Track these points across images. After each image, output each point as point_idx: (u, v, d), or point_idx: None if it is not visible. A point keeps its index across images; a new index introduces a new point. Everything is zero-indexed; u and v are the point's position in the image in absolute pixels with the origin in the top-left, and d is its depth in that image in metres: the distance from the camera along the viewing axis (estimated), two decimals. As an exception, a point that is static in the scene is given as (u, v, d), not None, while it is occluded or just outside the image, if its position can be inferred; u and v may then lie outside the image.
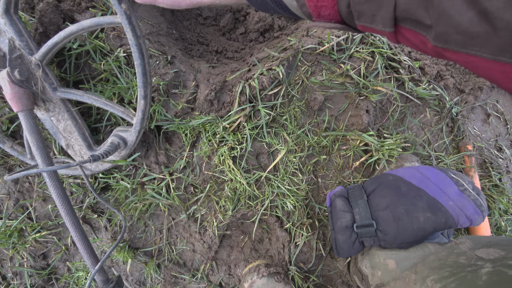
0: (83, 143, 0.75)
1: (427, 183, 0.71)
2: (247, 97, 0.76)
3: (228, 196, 0.79)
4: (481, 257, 0.52)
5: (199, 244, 0.87)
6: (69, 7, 0.75)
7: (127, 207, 0.81)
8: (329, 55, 0.82)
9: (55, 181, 0.67)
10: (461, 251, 0.58)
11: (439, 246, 0.67)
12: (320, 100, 0.82)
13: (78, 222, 0.69)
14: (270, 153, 0.82)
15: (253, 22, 0.98)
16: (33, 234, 0.85)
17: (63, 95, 0.70)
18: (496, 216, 0.96)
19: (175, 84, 0.79)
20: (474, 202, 0.69)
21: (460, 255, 0.56)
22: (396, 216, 0.67)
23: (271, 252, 0.89)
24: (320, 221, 0.86)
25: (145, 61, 0.63)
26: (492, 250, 0.53)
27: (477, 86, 0.91)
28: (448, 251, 0.61)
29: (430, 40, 0.28)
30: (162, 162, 0.80)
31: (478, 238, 0.61)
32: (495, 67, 0.24)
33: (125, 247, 0.84)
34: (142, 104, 0.67)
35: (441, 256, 0.60)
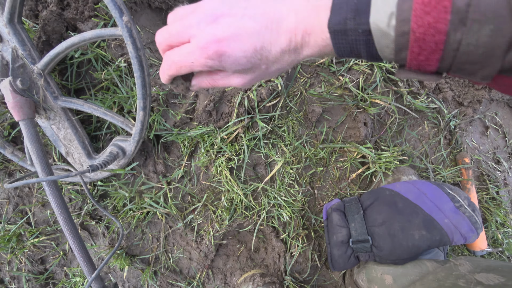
0: (82, 151, 0.76)
1: (423, 199, 0.71)
2: (245, 109, 0.76)
3: (225, 206, 0.80)
4: (480, 282, 0.52)
5: (195, 252, 0.87)
6: (72, 16, 0.76)
7: (125, 215, 0.82)
8: (328, 67, 0.83)
9: (54, 190, 0.68)
10: (460, 273, 0.58)
11: (437, 264, 0.67)
12: (318, 112, 0.82)
13: (76, 230, 0.70)
14: (267, 164, 0.83)
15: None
16: (31, 239, 0.86)
17: (64, 104, 0.71)
18: (493, 229, 0.96)
19: (174, 94, 0.80)
20: (469, 219, 0.69)
21: (459, 278, 0.56)
22: (392, 232, 0.68)
23: (267, 261, 0.90)
24: (316, 232, 0.86)
25: (145, 73, 0.64)
26: (492, 276, 0.53)
27: (476, 99, 0.91)
28: (447, 272, 0.61)
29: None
30: (160, 171, 0.81)
31: (477, 260, 0.61)
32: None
33: (122, 254, 0.85)
34: (141, 115, 0.67)
35: (440, 276, 0.60)
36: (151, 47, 0.83)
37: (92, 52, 0.75)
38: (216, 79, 0.37)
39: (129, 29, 0.60)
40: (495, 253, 0.97)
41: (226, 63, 0.33)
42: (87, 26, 0.76)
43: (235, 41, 0.32)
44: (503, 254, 0.96)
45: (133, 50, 0.61)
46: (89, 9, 0.76)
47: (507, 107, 0.98)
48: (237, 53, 0.32)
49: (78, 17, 0.76)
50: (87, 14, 0.76)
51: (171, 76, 0.38)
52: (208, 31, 0.32)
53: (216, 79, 0.38)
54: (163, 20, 0.93)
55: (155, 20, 0.89)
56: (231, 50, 0.32)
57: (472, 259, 0.63)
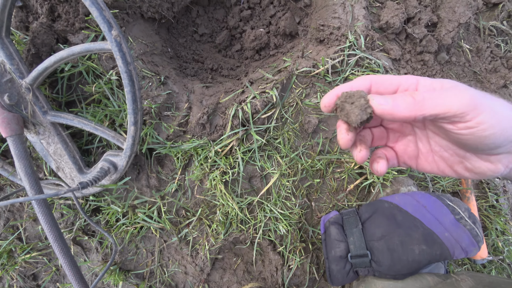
0: (73, 166, 0.74)
1: (423, 212, 0.70)
2: (239, 121, 0.75)
3: (220, 221, 0.78)
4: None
5: (191, 266, 0.85)
6: (62, 28, 0.75)
7: (118, 229, 0.80)
8: (323, 77, 0.81)
9: (43, 208, 0.66)
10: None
11: (438, 278, 0.66)
12: (314, 123, 0.81)
13: (67, 248, 0.68)
14: (263, 176, 0.81)
15: (249, 40, 0.98)
16: (23, 255, 0.84)
17: (53, 119, 0.69)
18: (493, 237, 0.95)
19: (168, 106, 0.78)
20: (470, 232, 0.68)
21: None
22: (391, 247, 0.66)
23: (264, 274, 0.88)
24: (313, 244, 0.85)
25: (135, 88, 0.62)
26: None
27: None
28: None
29: None
30: (154, 185, 0.79)
31: (479, 276, 0.60)
32: None
33: (116, 269, 0.83)
34: (132, 130, 0.66)
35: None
36: (143, 58, 0.81)
37: (83, 64, 0.74)
38: None
39: (118, 43, 0.58)
40: (495, 261, 0.95)
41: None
42: (77, 38, 0.74)
43: None
44: (503, 262, 0.95)
45: (123, 65, 0.59)
46: (80, 21, 0.75)
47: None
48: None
49: (69, 29, 0.75)
50: (77, 26, 0.75)
51: None
52: None
53: None
54: (156, 30, 0.92)
55: (148, 30, 0.88)
56: None
57: (474, 274, 0.61)
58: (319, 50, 0.86)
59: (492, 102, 0.29)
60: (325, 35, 0.85)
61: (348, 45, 0.80)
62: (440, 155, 0.37)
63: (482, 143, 0.30)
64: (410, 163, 0.40)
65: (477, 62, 0.93)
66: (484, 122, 0.28)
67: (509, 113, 0.29)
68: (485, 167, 0.33)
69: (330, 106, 0.35)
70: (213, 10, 1.03)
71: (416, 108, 0.29)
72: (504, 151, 0.31)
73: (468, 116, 0.28)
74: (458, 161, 0.35)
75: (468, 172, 0.35)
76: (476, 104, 0.28)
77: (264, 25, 1.00)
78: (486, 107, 0.28)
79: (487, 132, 0.28)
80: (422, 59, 0.90)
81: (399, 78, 0.35)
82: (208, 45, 1.04)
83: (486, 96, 0.30)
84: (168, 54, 0.93)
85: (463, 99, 0.28)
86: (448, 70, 0.92)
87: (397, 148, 0.41)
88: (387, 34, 0.88)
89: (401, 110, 0.29)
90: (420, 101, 0.29)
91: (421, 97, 0.29)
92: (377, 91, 0.36)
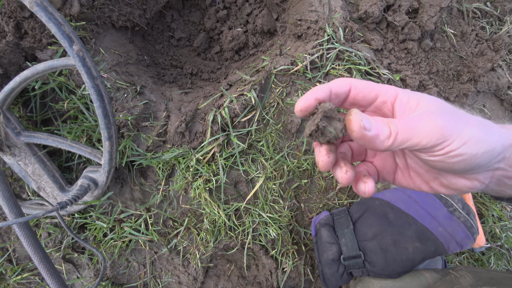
0: (54, 185, 0.73)
1: (415, 208, 0.68)
2: (219, 126, 0.73)
3: (208, 229, 0.77)
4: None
5: (184, 276, 0.84)
6: (30, 45, 0.73)
7: (106, 245, 0.79)
8: (303, 74, 0.79)
9: (25, 230, 0.65)
10: (462, 287, 0.55)
11: (436, 275, 0.64)
12: (298, 122, 0.79)
13: (54, 268, 0.67)
14: (248, 181, 0.80)
15: (227, 41, 0.95)
16: (14, 277, 0.83)
17: (27, 140, 0.68)
18: (490, 224, 0.93)
19: (145, 116, 0.77)
20: (464, 224, 0.66)
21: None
22: (384, 247, 0.64)
23: (259, 278, 0.87)
24: (306, 245, 0.83)
25: (105, 102, 0.61)
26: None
27: (462, 93, 0.87)
28: (448, 285, 0.58)
29: None
30: (138, 198, 0.78)
31: (479, 272, 0.58)
32: None
33: (109, 284, 0.82)
34: (108, 145, 0.64)
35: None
36: (117, 69, 0.79)
37: (54, 81, 0.72)
38: None
39: (81, 58, 0.56)
40: (494, 248, 0.94)
41: None
42: (46, 54, 0.72)
43: None
44: (502, 248, 0.93)
45: (89, 80, 0.57)
46: (46, 36, 0.72)
47: (494, 97, 0.94)
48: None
49: (36, 45, 0.73)
50: (45, 41, 0.73)
51: None
52: None
53: None
54: (130, 39, 0.89)
55: (121, 39, 0.86)
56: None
57: (473, 270, 0.60)
58: (297, 46, 0.83)
59: (465, 127, 0.28)
60: (303, 30, 0.82)
61: (327, 39, 0.78)
62: (415, 171, 0.36)
63: (452, 167, 0.29)
64: (388, 178, 0.38)
65: (462, 47, 0.90)
66: (454, 150, 0.28)
67: (483, 136, 0.28)
68: (462, 184, 0.32)
69: (307, 110, 0.32)
70: (188, 13, 1.00)
71: (389, 143, 0.28)
72: (479, 170, 0.30)
73: (438, 147, 0.28)
74: (433, 178, 0.34)
75: (444, 188, 0.34)
76: (447, 135, 0.27)
77: (241, 24, 0.97)
78: (457, 135, 0.27)
79: (456, 159, 0.28)
80: (406, 47, 0.87)
81: (379, 87, 0.34)
82: (186, 49, 1.01)
83: (459, 120, 0.29)
84: (145, 62, 0.90)
85: (433, 130, 0.27)
86: (434, 56, 0.89)
87: (376, 163, 0.39)
88: (367, 24, 0.85)
89: (377, 142, 0.29)
90: (394, 136, 0.28)
91: (396, 131, 0.28)
92: (355, 98, 0.34)
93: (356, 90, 0.33)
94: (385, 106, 0.34)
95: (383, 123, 0.29)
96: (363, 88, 0.34)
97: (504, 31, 0.89)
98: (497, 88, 0.88)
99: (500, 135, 0.29)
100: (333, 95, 0.33)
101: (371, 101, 0.34)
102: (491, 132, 0.29)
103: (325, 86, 0.33)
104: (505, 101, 0.93)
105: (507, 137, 0.29)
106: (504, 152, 0.29)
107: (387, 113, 0.34)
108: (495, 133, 0.29)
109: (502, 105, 0.95)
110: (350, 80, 0.34)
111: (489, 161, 0.29)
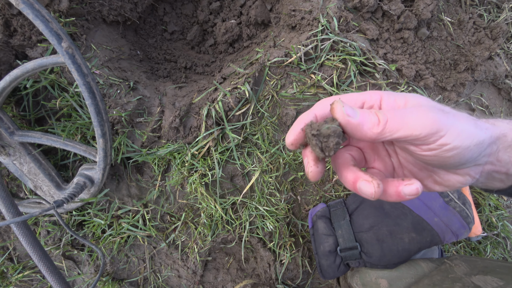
0: (50, 183, 0.73)
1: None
2: (213, 120, 0.73)
3: (205, 224, 0.77)
4: (478, 286, 0.50)
5: (183, 269, 0.85)
6: (19, 43, 0.72)
7: (105, 241, 0.79)
8: (298, 66, 0.78)
9: (23, 229, 0.65)
10: (457, 276, 0.56)
11: (432, 264, 0.65)
12: (293, 115, 0.78)
13: (53, 266, 0.67)
14: (244, 174, 0.80)
15: (220, 34, 0.94)
16: (15, 275, 0.84)
17: (21, 139, 0.68)
18: (487, 213, 0.93)
19: (139, 112, 0.76)
20: (460, 214, 0.66)
21: (456, 281, 0.54)
22: (380, 238, 0.65)
23: (258, 270, 0.88)
24: (303, 237, 0.84)
25: (97, 99, 0.60)
26: (489, 279, 0.51)
27: (459, 82, 0.87)
28: (443, 275, 0.59)
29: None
30: (135, 194, 0.78)
31: (473, 261, 0.59)
32: None
33: (109, 280, 0.83)
34: (102, 142, 0.64)
35: (436, 280, 0.58)
36: (109, 65, 0.78)
37: (46, 79, 0.71)
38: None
39: (71, 55, 0.55)
40: (490, 237, 0.94)
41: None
42: (36, 52, 0.71)
43: None
44: (498, 237, 0.94)
45: (79, 77, 0.57)
46: (36, 34, 0.71)
47: (492, 87, 0.93)
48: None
49: (26, 43, 0.72)
50: (35, 39, 0.71)
51: None
52: None
53: None
54: (122, 33, 0.88)
55: (113, 35, 0.84)
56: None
57: (468, 259, 0.60)
58: (291, 37, 0.82)
59: (455, 121, 0.28)
60: (297, 20, 0.81)
61: (321, 29, 0.77)
62: (409, 170, 0.36)
63: (446, 162, 0.29)
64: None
65: (460, 35, 0.88)
66: (447, 143, 0.28)
67: (473, 130, 0.28)
68: (454, 180, 0.32)
69: (297, 142, 0.32)
70: (181, 5, 0.98)
71: (379, 130, 0.28)
72: (470, 164, 0.31)
73: (431, 139, 0.28)
74: (427, 176, 0.35)
75: (438, 185, 0.34)
76: (439, 126, 0.27)
77: (235, 16, 0.96)
78: (449, 128, 0.27)
79: (451, 153, 0.28)
80: (402, 36, 0.85)
81: (363, 95, 0.34)
82: (180, 43, 1.00)
83: (449, 115, 0.28)
84: (138, 57, 0.89)
85: (426, 121, 0.27)
86: (430, 46, 0.88)
87: (377, 167, 0.38)
88: (362, 13, 0.84)
89: (365, 129, 0.28)
90: (384, 123, 0.28)
91: (385, 119, 0.28)
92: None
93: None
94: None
95: (369, 112, 0.29)
96: (348, 101, 0.34)
97: (502, 19, 0.88)
98: (495, 77, 0.87)
99: (486, 129, 0.29)
100: (319, 118, 0.33)
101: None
102: (478, 126, 0.29)
103: (309, 112, 0.33)
104: (503, 90, 0.92)
105: (493, 131, 0.30)
106: (492, 146, 0.30)
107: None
108: (482, 127, 0.29)
109: (499, 94, 0.94)
110: (333, 99, 0.33)
111: (479, 154, 0.29)
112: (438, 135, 0.27)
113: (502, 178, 0.33)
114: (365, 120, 0.28)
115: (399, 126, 0.28)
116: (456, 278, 0.55)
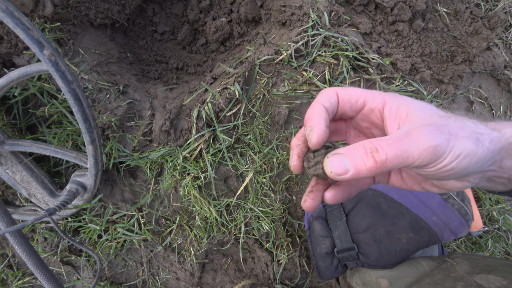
0: (43, 191, 0.73)
1: (408, 197, 0.67)
2: (204, 122, 0.72)
3: (200, 226, 0.77)
4: (481, 285, 0.49)
5: (181, 272, 0.85)
6: (6, 50, 0.71)
7: (101, 246, 0.80)
8: (289, 63, 0.76)
9: (17, 238, 0.65)
10: (459, 275, 0.55)
11: (433, 263, 0.64)
12: (285, 113, 0.77)
13: (50, 273, 0.68)
14: (238, 175, 0.79)
15: (211, 32, 0.92)
16: (15, 282, 0.85)
17: (11, 148, 0.67)
18: (488, 207, 0.92)
19: (130, 116, 0.75)
20: (458, 212, 0.65)
21: (458, 280, 0.53)
22: (377, 238, 0.64)
23: (256, 271, 0.88)
24: (300, 237, 0.83)
25: (84, 106, 0.59)
26: (492, 277, 0.49)
27: (456, 75, 0.84)
28: (444, 273, 0.57)
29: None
30: (129, 198, 0.78)
31: (475, 259, 0.57)
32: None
33: (108, 284, 0.83)
34: (91, 149, 0.63)
35: (437, 279, 0.57)
36: (98, 69, 0.78)
37: (34, 86, 0.71)
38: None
39: (54, 63, 0.54)
40: (491, 231, 0.93)
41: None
42: (23, 59, 0.70)
43: None
44: (500, 231, 0.92)
45: (64, 85, 0.56)
46: (22, 41, 0.70)
47: (491, 78, 0.90)
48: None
49: (13, 50, 0.71)
50: (21, 46, 0.71)
51: None
52: None
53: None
54: (111, 36, 0.87)
55: (101, 38, 0.83)
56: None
57: (469, 256, 0.59)
58: (282, 34, 0.80)
59: (456, 143, 0.27)
60: (287, 16, 0.79)
61: (311, 25, 0.75)
62: (407, 173, 0.36)
63: (444, 177, 0.29)
64: (383, 180, 0.38)
65: (456, 26, 0.86)
66: (445, 166, 0.27)
67: (473, 148, 0.27)
68: (452, 185, 0.32)
69: (300, 168, 0.33)
70: (170, 5, 0.96)
71: (377, 169, 0.27)
72: (469, 175, 0.30)
73: (430, 165, 0.28)
74: (425, 179, 0.34)
75: (436, 187, 0.34)
76: (439, 154, 0.27)
77: (225, 14, 0.94)
78: (449, 152, 0.27)
79: (448, 173, 0.28)
80: (396, 29, 0.83)
81: (367, 93, 0.33)
82: (171, 43, 0.99)
83: (451, 136, 0.27)
84: (128, 59, 0.88)
85: (426, 151, 0.27)
86: (426, 38, 0.86)
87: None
88: (354, 6, 0.81)
89: (363, 174, 0.28)
90: (382, 162, 0.27)
91: (384, 158, 0.27)
92: (342, 108, 0.34)
93: (343, 101, 0.33)
94: (373, 114, 0.33)
95: (365, 156, 0.27)
96: (350, 96, 0.33)
97: (500, 8, 0.85)
98: (493, 68, 0.85)
99: (490, 142, 0.28)
100: (330, 113, 0.33)
101: (359, 109, 0.34)
102: (481, 142, 0.28)
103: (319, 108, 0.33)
104: (502, 81, 0.90)
105: (497, 141, 0.29)
106: (495, 157, 0.29)
107: (375, 121, 0.34)
108: (485, 141, 0.28)
109: (499, 85, 0.92)
110: (335, 89, 0.33)
111: (479, 168, 0.29)
112: (437, 161, 0.27)
113: (504, 182, 0.32)
114: (360, 168, 0.27)
115: (399, 160, 0.27)
116: (458, 277, 0.54)
